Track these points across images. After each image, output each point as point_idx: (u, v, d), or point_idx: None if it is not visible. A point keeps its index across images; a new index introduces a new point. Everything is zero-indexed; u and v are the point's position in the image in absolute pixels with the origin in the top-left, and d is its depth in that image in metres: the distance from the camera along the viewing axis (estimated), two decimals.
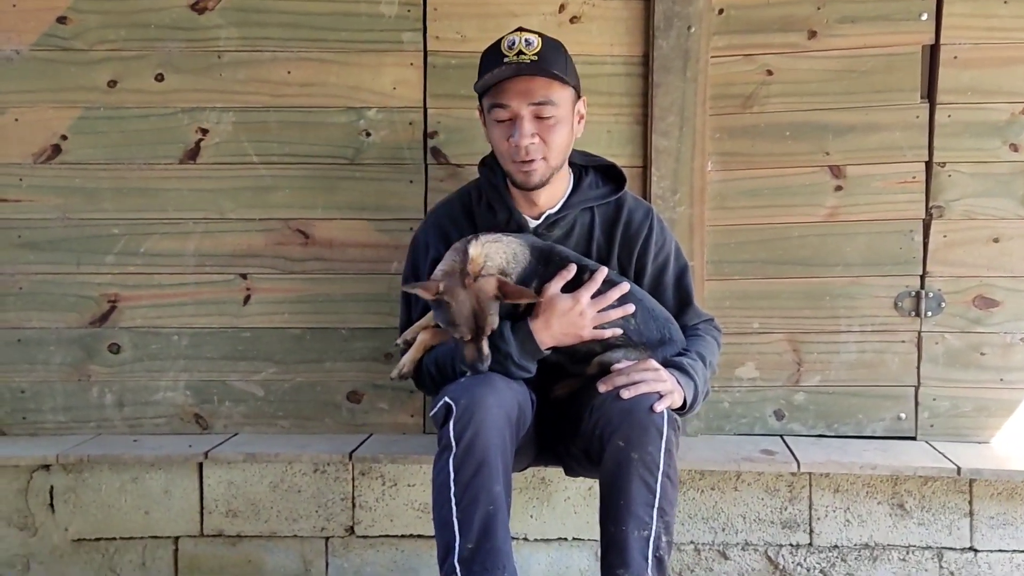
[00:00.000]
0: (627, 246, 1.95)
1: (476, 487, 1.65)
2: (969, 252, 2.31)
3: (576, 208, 1.95)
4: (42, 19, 2.29)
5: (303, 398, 2.37)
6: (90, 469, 2.26)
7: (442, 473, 1.68)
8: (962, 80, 2.28)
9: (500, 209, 1.95)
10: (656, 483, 1.67)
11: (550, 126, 1.84)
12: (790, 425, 2.37)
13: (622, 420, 1.69)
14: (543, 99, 1.83)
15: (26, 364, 2.35)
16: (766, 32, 2.30)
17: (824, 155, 2.31)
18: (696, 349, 1.90)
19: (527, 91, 1.83)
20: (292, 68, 2.32)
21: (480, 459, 1.66)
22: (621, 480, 1.67)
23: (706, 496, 2.26)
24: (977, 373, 2.32)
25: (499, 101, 1.84)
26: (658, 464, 1.67)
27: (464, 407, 1.68)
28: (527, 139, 1.83)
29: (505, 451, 1.71)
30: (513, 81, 1.83)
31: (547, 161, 1.86)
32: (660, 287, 1.96)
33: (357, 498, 2.28)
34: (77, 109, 2.31)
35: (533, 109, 1.83)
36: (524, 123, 1.83)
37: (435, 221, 2.01)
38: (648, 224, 1.96)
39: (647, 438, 1.67)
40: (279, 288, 2.35)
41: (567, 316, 1.78)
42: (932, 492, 2.22)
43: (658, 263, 1.97)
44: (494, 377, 1.76)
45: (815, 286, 2.34)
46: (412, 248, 2.03)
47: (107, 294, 2.34)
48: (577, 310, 1.78)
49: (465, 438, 1.66)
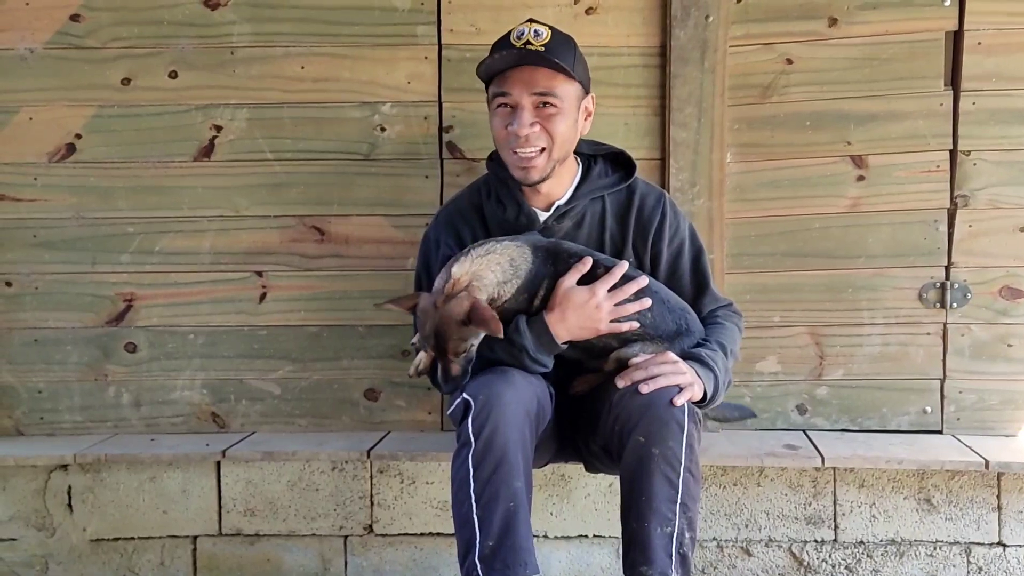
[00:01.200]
0: (641, 232, 1.92)
1: (496, 484, 1.63)
2: (995, 242, 2.26)
3: (586, 198, 1.92)
4: (55, 17, 2.29)
5: (320, 396, 2.36)
6: (108, 469, 2.25)
7: (461, 470, 1.66)
8: (986, 66, 2.23)
9: (509, 203, 1.92)
10: (678, 479, 1.64)
11: (551, 115, 1.82)
12: (813, 420, 2.33)
13: (642, 415, 1.67)
14: (545, 90, 1.81)
15: (43, 364, 2.35)
16: (785, 20, 2.26)
17: (845, 145, 2.28)
18: (716, 338, 1.87)
19: (530, 80, 1.81)
20: (306, 63, 2.30)
21: (500, 455, 1.64)
22: (642, 476, 1.65)
23: (728, 492, 2.23)
24: (1004, 365, 2.28)
25: (501, 89, 1.83)
26: (680, 459, 1.64)
27: (482, 403, 1.66)
28: (526, 128, 1.81)
29: (525, 447, 1.69)
30: (517, 70, 1.81)
31: (548, 153, 1.84)
32: (677, 272, 1.94)
33: (375, 496, 2.27)
34: (91, 107, 2.30)
35: (534, 99, 1.81)
36: (524, 112, 1.81)
37: (445, 218, 1.99)
38: (661, 209, 1.93)
39: (668, 433, 1.65)
40: (295, 286, 2.34)
41: (583, 309, 1.76)
42: (959, 486, 2.19)
43: (673, 247, 1.94)
44: (512, 372, 1.74)
45: (837, 278, 2.30)
46: (423, 245, 2.02)
47: (123, 293, 2.33)
48: (593, 303, 1.75)
49: (484, 434, 1.64)
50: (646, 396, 1.68)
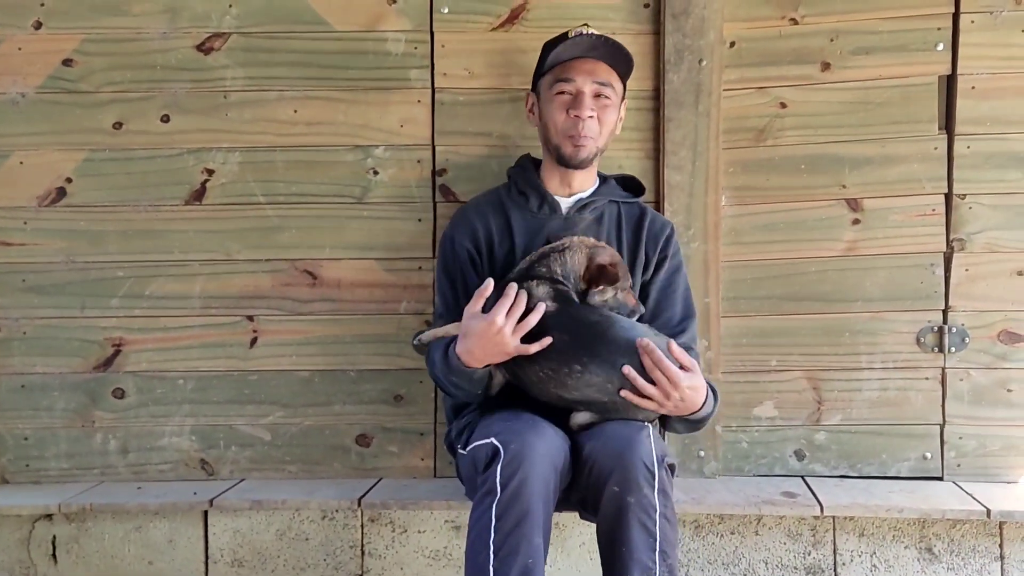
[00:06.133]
0: (653, 239, 2.03)
1: (517, 537, 1.62)
2: (993, 286, 2.24)
3: (604, 198, 2.05)
4: (48, 62, 2.28)
5: (311, 442, 2.32)
6: (93, 518, 2.21)
7: (483, 518, 1.64)
8: (981, 110, 2.23)
9: (532, 194, 2.03)
10: (655, 526, 1.65)
11: (605, 106, 1.97)
12: (811, 465, 2.30)
13: (614, 465, 1.67)
14: (605, 80, 1.96)
15: (30, 410, 2.31)
16: (779, 64, 2.27)
17: (841, 188, 2.27)
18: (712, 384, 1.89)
19: (592, 70, 1.96)
20: (299, 107, 2.29)
21: (524, 509, 1.63)
22: (620, 526, 1.66)
23: (726, 541, 2.19)
24: (1005, 410, 2.25)
25: (566, 76, 1.95)
26: (655, 506, 1.65)
27: (514, 453, 1.65)
28: (587, 111, 1.94)
29: (548, 502, 1.68)
30: (580, 61, 1.95)
31: (595, 141, 1.98)
32: (672, 285, 2.02)
33: (366, 545, 2.22)
34: (82, 151, 2.29)
35: (595, 88, 1.95)
36: (586, 98, 1.95)
37: (460, 215, 2.08)
38: (670, 228, 2.07)
39: (641, 480, 1.65)
40: (286, 330, 2.31)
41: (485, 336, 1.73)
42: (961, 535, 2.15)
43: (675, 263, 2.04)
44: (542, 423, 1.73)
45: (834, 322, 2.28)
46: (440, 247, 2.10)
47: (111, 338, 2.30)
48: (493, 329, 1.72)
49: (512, 485, 1.63)
50: (617, 445, 1.68)
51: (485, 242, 2.01)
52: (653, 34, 2.26)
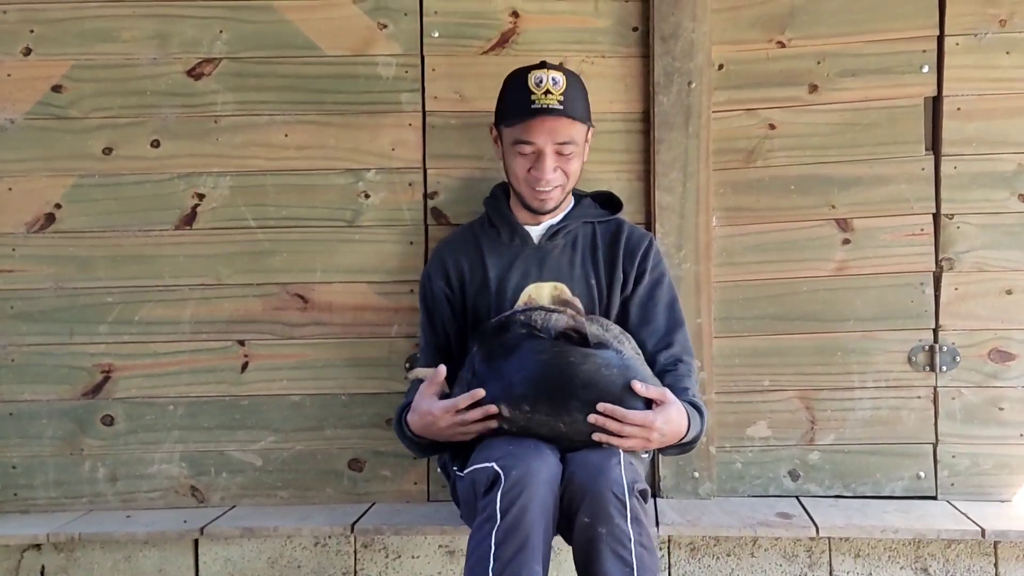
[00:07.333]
0: (630, 254, 2.03)
1: (517, 566, 1.60)
2: (982, 304, 2.26)
3: (577, 220, 2.04)
4: (37, 88, 2.27)
5: (303, 467, 2.30)
6: (82, 548, 2.17)
7: (482, 545, 1.62)
8: (967, 131, 2.25)
9: (502, 225, 2.04)
10: (631, 555, 1.63)
11: (568, 158, 1.96)
12: (806, 486, 2.29)
13: (584, 496, 1.66)
14: (566, 139, 1.94)
15: (18, 438, 2.28)
16: (767, 87, 2.28)
17: (830, 208, 2.28)
18: (693, 392, 1.92)
19: (552, 131, 1.93)
20: (289, 131, 2.29)
21: (524, 537, 1.61)
22: (595, 559, 1.64)
23: (722, 563, 2.18)
24: (997, 429, 2.25)
25: (525, 138, 1.93)
26: (628, 535, 1.63)
27: (515, 479, 1.63)
28: (550, 173, 1.94)
29: (548, 529, 1.67)
30: (540, 120, 1.92)
31: (562, 188, 1.98)
32: (654, 298, 2.02)
33: (359, 572, 2.20)
34: (71, 177, 2.28)
35: (556, 147, 1.94)
36: (547, 159, 1.93)
37: (436, 253, 2.12)
38: (648, 240, 2.07)
39: (612, 510, 1.64)
40: (278, 354, 2.30)
41: (425, 420, 1.84)
42: (956, 555, 2.14)
43: (655, 275, 2.03)
44: (544, 447, 1.72)
45: (826, 341, 2.28)
46: (420, 285, 2.12)
47: (100, 364, 2.28)
48: (430, 419, 1.82)
49: (512, 512, 1.62)
50: (585, 475, 1.67)
51: (457, 280, 2.04)
52: (642, 57, 2.28)
